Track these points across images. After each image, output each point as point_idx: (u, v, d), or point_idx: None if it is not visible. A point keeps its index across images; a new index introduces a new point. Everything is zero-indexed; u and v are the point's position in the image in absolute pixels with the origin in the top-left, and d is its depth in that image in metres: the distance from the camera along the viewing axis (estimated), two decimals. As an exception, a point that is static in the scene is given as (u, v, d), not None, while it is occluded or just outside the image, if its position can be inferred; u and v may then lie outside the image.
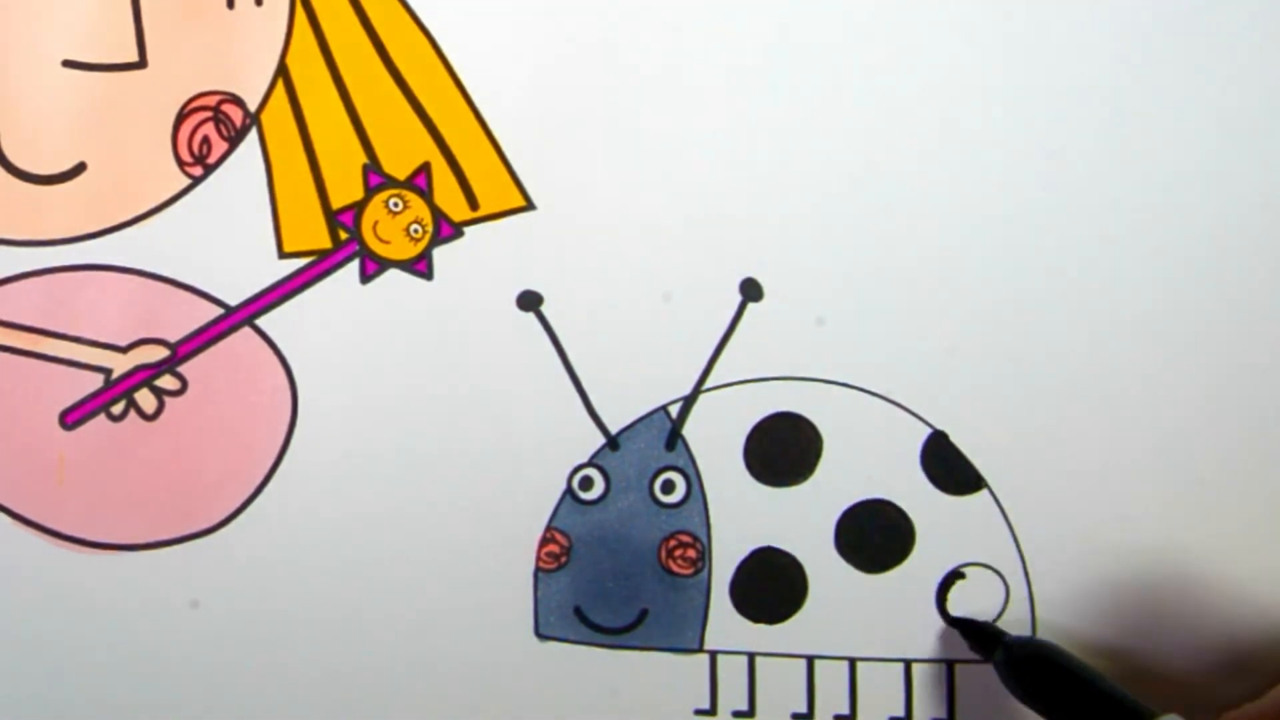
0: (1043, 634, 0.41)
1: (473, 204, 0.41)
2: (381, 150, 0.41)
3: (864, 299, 0.41)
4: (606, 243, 0.41)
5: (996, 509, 0.41)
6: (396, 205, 0.41)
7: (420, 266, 0.41)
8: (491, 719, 0.41)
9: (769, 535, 0.41)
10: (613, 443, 0.41)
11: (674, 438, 0.41)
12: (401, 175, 0.41)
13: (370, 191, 0.41)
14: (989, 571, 0.41)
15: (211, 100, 0.41)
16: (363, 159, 0.41)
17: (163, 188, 0.41)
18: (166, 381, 0.41)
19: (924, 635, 0.41)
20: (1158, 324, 0.41)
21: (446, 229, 0.41)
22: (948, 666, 0.41)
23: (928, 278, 0.41)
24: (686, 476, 0.41)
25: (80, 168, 0.41)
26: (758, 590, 0.41)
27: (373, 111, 0.41)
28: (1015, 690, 0.38)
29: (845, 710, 0.41)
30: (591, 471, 0.41)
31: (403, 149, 0.41)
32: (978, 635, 0.40)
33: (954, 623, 0.40)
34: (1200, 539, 0.41)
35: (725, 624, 0.41)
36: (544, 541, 0.41)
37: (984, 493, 0.41)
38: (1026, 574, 0.41)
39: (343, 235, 0.41)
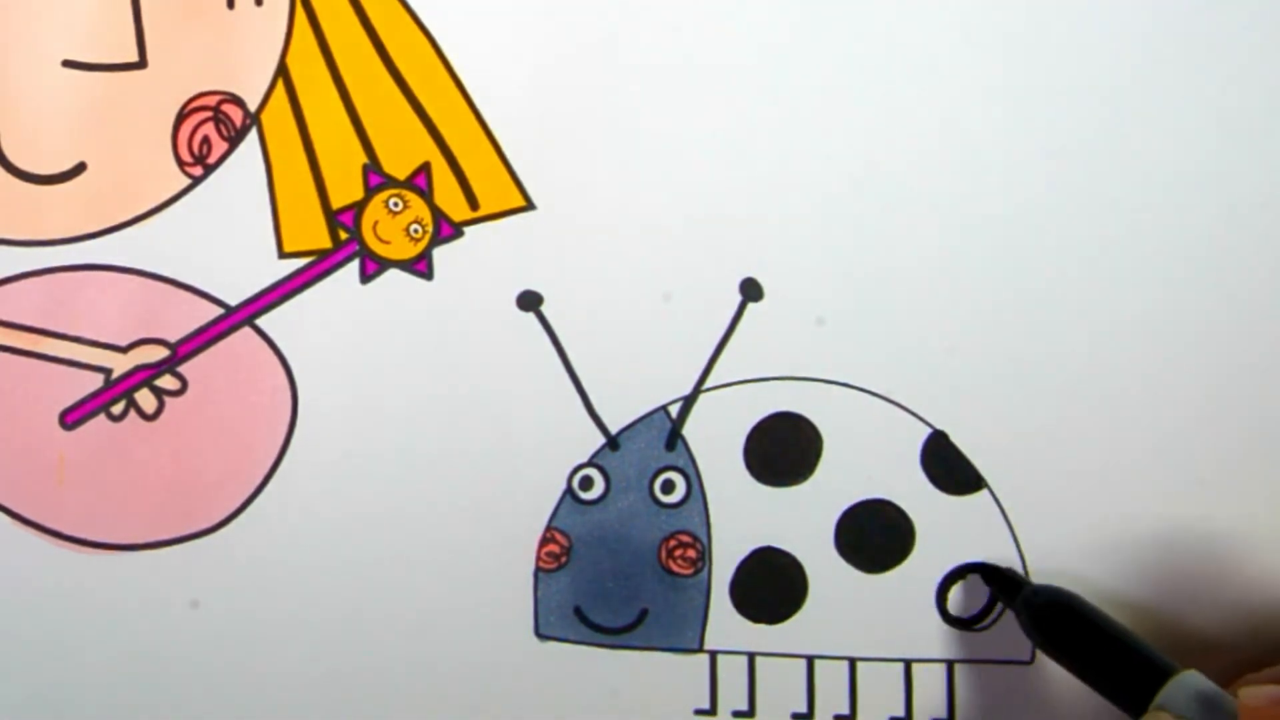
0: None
1: (473, 204, 0.41)
2: (381, 150, 0.41)
3: (864, 299, 0.41)
4: (606, 243, 0.41)
5: (996, 509, 0.41)
6: (396, 205, 0.41)
7: (420, 266, 0.41)
8: (491, 719, 0.41)
9: (769, 535, 0.41)
10: (613, 443, 0.41)
11: (674, 438, 0.41)
12: (401, 175, 0.41)
13: (370, 191, 0.41)
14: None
15: (211, 100, 0.41)
16: (363, 159, 0.41)
17: (163, 188, 0.41)
18: (166, 381, 0.41)
19: (924, 635, 0.41)
20: (1158, 324, 0.41)
21: (446, 229, 0.41)
22: (948, 666, 0.41)
23: (928, 278, 0.41)
24: (686, 476, 0.41)
25: (80, 168, 0.41)
26: (758, 590, 0.41)
27: (373, 111, 0.41)
28: (1034, 636, 0.38)
29: (845, 710, 0.41)
30: (591, 471, 0.41)
31: (403, 149, 0.41)
32: (1000, 581, 0.40)
33: (976, 568, 0.40)
34: (1200, 539, 0.41)
35: (725, 624, 0.41)
36: (544, 541, 0.41)
37: (984, 493, 0.41)
38: (1026, 574, 0.41)
39: (343, 235, 0.41)
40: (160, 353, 0.41)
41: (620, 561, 0.41)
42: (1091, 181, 0.41)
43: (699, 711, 0.41)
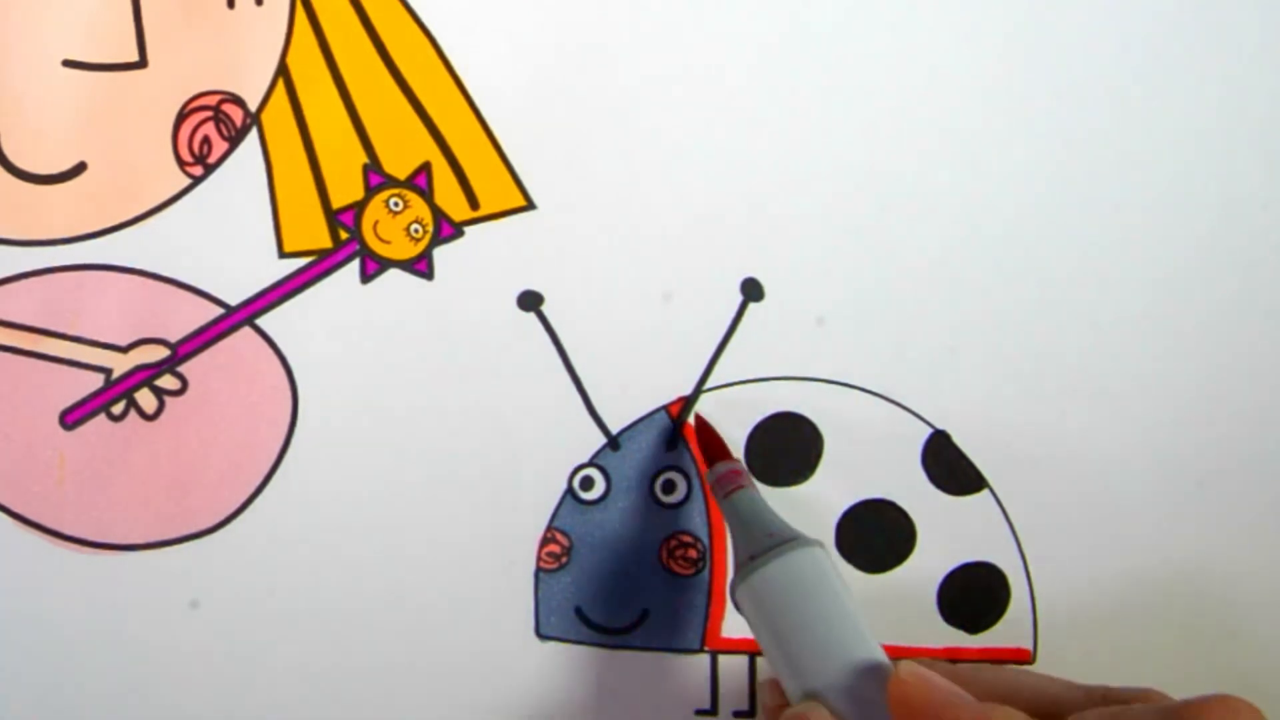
0: (1044, 634, 0.41)
1: (473, 204, 0.41)
2: (382, 150, 0.41)
3: (864, 299, 0.41)
4: (606, 243, 0.41)
5: (997, 509, 0.41)
6: (397, 205, 0.41)
7: (420, 266, 0.41)
8: (491, 719, 0.41)
9: (769, 535, 0.41)
10: (613, 442, 0.41)
11: (675, 438, 0.41)
12: (402, 175, 0.41)
13: (370, 191, 0.41)
14: (989, 571, 0.41)
15: (212, 100, 0.41)
16: (363, 159, 0.41)
17: (163, 188, 0.41)
18: (166, 381, 0.41)
19: (924, 635, 0.41)
20: (1157, 324, 0.41)
21: (447, 229, 0.41)
22: (948, 666, 0.41)
23: (928, 278, 0.41)
24: (687, 476, 0.41)
25: (80, 168, 0.41)
26: (758, 590, 0.41)
27: (373, 111, 0.41)
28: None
29: (845, 710, 0.41)
30: (592, 471, 0.41)
31: (403, 149, 0.41)
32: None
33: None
34: (1200, 539, 0.41)
35: (726, 624, 0.41)
36: (545, 541, 0.41)
37: (984, 493, 0.41)
38: (1027, 574, 0.41)
39: (343, 235, 0.41)
40: (160, 353, 0.41)
41: (621, 561, 0.41)
42: (1091, 182, 0.41)
43: (699, 711, 0.41)
